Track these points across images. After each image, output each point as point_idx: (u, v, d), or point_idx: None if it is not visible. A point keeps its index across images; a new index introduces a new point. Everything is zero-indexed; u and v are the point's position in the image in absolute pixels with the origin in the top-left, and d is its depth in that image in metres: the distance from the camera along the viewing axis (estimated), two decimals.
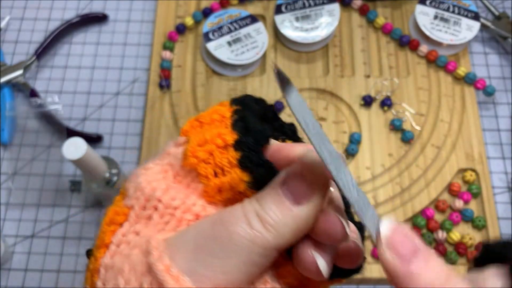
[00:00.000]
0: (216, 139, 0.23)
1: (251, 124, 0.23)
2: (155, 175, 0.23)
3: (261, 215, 0.20)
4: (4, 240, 0.55)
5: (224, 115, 0.24)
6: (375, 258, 0.53)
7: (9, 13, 0.69)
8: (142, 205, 0.23)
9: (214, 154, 0.22)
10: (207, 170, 0.23)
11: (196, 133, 0.24)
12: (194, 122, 0.25)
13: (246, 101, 0.25)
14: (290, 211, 0.21)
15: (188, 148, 0.23)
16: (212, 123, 0.24)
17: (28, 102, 0.62)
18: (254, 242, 0.20)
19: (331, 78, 0.62)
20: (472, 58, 0.66)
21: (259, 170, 0.22)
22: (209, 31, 0.62)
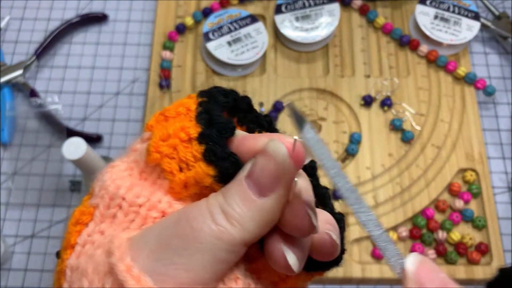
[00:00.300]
0: (180, 132, 0.22)
1: (214, 116, 0.23)
2: (120, 173, 0.23)
3: (225, 209, 0.20)
4: (4, 240, 0.55)
5: (189, 107, 0.23)
6: (375, 258, 0.53)
7: (9, 13, 0.69)
8: (106, 204, 0.22)
9: (178, 149, 0.22)
10: (172, 165, 0.22)
11: (160, 127, 0.23)
12: (159, 116, 0.24)
13: (212, 93, 0.24)
14: (255, 203, 0.20)
15: (151, 143, 0.22)
16: (177, 117, 0.23)
17: (28, 102, 0.62)
18: (219, 238, 0.19)
19: (331, 78, 0.62)
20: (472, 58, 0.66)
21: (224, 163, 0.21)
22: (209, 31, 0.62)
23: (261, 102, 0.61)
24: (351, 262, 0.53)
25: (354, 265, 0.52)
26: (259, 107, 0.60)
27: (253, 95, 0.61)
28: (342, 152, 0.58)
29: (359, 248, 0.54)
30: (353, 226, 0.54)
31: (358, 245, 0.54)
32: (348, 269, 0.52)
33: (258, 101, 0.61)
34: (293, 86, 0.61)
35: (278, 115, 0.60)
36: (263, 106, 0.60)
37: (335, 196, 0.55)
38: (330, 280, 0.53)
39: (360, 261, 0.53)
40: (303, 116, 0.21)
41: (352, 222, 0.54)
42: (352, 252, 0.53)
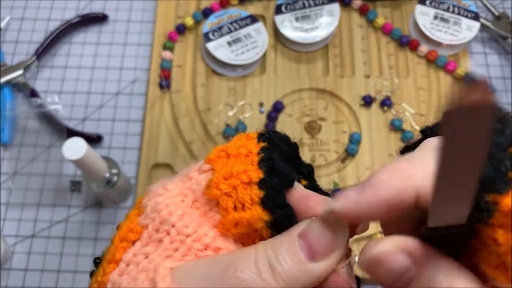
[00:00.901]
0: (242, 174, 0.23)
1: (277, 165, 0.24)
2: (174, 198, 0.24)
3: (273, 264, 0.20)
4: (4, 240, 0.55)
5: (251, 150, 0.25)
6: None
7: (9, 13, 0.69)
8: (156, 227, 0.23)
9: (238, 189, 0.23)
10: (228, 203, 0.23)
11: (222, 164, 0.24)
12: (221, 153, 0.25)
13: (273, 139, 0.25)
14: (304, 266, 0.20)
15: (213, 179, 0.23)
16: (238, 157, 0.25)
17: (28, 102, 0.62)
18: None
19: (331, 78, 0.62)
20: (472, 58, 0.66)
21: (280, 212, 0.22)
22: (209, 31, 0.62)
23: (261, 102, 0.61)
24: None
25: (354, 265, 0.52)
26: (259, 107, 0.60)
27: (253, 95, 0.61)
28: (342, 152, 0.58)
29: (358, 248, 0.54)
30: None
31: (358, 245, 0.54)
32: None
33: (258, 101, 0.61)
34: (293, 86, 0.61)
35: (278, 115, 0.60)
36: (263, 106, 0.60)
37: None
38: None
39: None
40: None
41: None
42: None
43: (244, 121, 0.59)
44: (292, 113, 0.60)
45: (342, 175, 0.57)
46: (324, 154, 0.58)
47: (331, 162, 0.57)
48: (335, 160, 0.58)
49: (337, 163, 0.58)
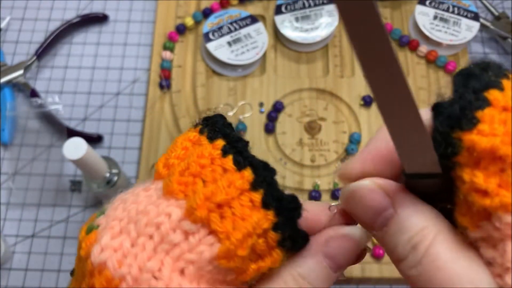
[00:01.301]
0: (257, 228, 0.20)
1: (280, 195, 0.21)
2: (175, 280, 0.20)
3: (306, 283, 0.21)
4: (5, 240, 0.55)
5: (242, 188, 0.21)
6: (375, 257, 0.53)
7: (10, 13, 0.69)
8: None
9: (255, 243, 0.20)
10: (246, 264, 0.21)
11: (225, 221, 0.20)
12: (210, 205, 0.20)
13: (257, 162, 0.21)
14: (331, 278, 0.22)
15: (230, 248, 0.20)
16: (233, 201, 0.20)
17: (28, 102, 0.63)
18: None
19: (331, 78, 0.62)
20: (471, 58, 0.66)
21: (299, 245, 0.22)
22: (209, 31, 0.62)
23: (261, 102, 0.61)
24: None
25: (354, 265, 0.52)
26: (259, 107, 0.60)
27: (253, 95, 0.61)
28: (342, 152, 0.58)
29: None
30: None
31: None
32: (347, 268, 0.52)
33: (258, 101, 0.61)
34: (293, 86, 0.62)
35: (278, 115, 0.60)
36: (263, 106, 0.60)
37: (335, 196, 0.55)
38: None
39: None
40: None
41: None
42: None
43: (244, 121, 0.60)
44: (292, 113, 0.60)
45: None
46: (324, 154, 0.58)
47: (331, 162, 0.58)
48: (335, 160, 0.58)
49: (337, 163, 0.58)
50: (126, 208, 0.21)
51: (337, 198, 0.55)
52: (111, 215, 0.21)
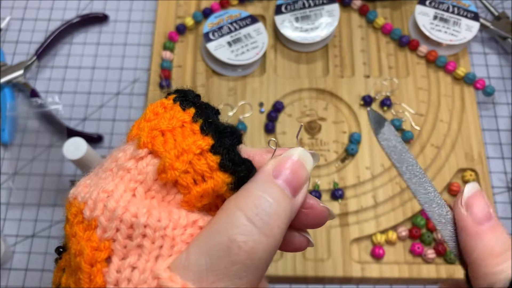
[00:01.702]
0: (192, 147, 0.23)
1: (220, 126, 0.24)
2: (124, 197, 0.22)
3: (266, 210, 0.21)
4: (5, 240, 0.55)
5: (184, 120, 0.24)
6: (374, 257, 0.53)
7: (10, 13, 0.70)
8: (126, 234, 0.21)
9: (193, 162, 0.22)
10: (188, 179, 0.22)
11: (162, 143, 0.23)
12: (154, 132, 0.24)
13: (194, 100, 0.25)
14: (292, 201, 0.22)
15: (166, 160, 0.22)
16: (174, 130, 0.24)
17: (28, 102, 0.63)
18: (269, 248, 0.21)
19: (331, 78, 0.62)
20: (471, 58, 0.66)
21: (242, 168, 0.23)
22: (209, 31, 0.62)
23: (261, 102, 0.61)
24: (351, 261, 0.53)
25: (354, 265, 0.53)
26: (259, 107, 0.61)
27: (253, 95, 0.61)
28: (342, 152, 0.58)
29: (358, 247, 0.54)
30: (352, 226, 0.54)
31: (358, 245, 0.54)
32: (347, 268, 0.52)
33: (258, 101, 0.61)
34: (293, 86, 0.62)
35: (278, 115, 0.60)
36: (263, 106, 0.60)
37: (335, 196, 0.55)
38: (329, 280, 0.53)
39: (360, 260, 0.53)
40: (382, 117, 0.24)
41: (352, 221, 0.54)
42: (352, 252, 0.53)
43: (244, 121, 0.60)
44: (292, 113, 0.60)
45: (342, 175, 0.57)
46: (324, 154, 0.58)
47: (331, 162, 0.58)
48: (335, 160, 0.58)
49: (337, 163, 0.58)
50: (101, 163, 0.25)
51: (336, 198, 0.55)
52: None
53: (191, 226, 0.22)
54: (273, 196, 0.21)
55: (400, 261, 0.53)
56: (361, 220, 0.54)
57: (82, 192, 0.23)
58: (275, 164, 0.23)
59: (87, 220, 0.22)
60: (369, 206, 0.55)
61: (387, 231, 0.54)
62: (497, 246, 0.21)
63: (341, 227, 0.54)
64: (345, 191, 0.56)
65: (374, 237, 0.54)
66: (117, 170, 0.23)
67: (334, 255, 0.53)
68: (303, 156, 0.24)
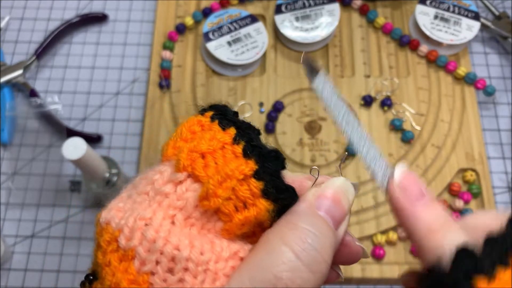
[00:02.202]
0: (235, 172, 0.21)
1: (264, 149, 0.22)
2: (164, 227, 0.21)
3: (313, 245, 0.20)
4: (4, 240, 0.55)
5: (225, 141, 0.22)
6: (375, 258, 0.53)
7: (9, 13, 0.69)
8: (167, 268, 0.20)
9: (236, 189, 0.21)
10: (230, 207, 0.21)
11: (203, 167, 0.22)
12: (194, 155, 0.22)
13: (237, 120, 0.24)
14: (336, 235, 0.22)
15: (209, 187, 0.21)
16: (215, 153, 0.22)
17: (28, 102, 0.62)
18: (316, 284, 0.20)
19: (331, 78, 0.62)
20: (472, 58, 0.66)
21: (286, 195, 0.22)
22: (209, 31, 0.62)
23: (261, 102, 0.61)
24: None
25: (354, 265, 0.52)
26: (259, 107, 0.60)
27: (253, 95, 0.61)
28: (342, 152, 0.58)
29: None
30: (353, 226, 0.54)
31: None
32: (348, 269, 0.52)
33: (258, 101, 0.61)
34: (293, 86, 0.61)
35: (278, 115, 0.60)
36: (263, 106, 0.60)
37: None
38: None
39: (360, 261, 0.53)
40: (316, 66, 0.23)
41: (352, 222, 0.54)
42: None
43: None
44: (292, 113, 0.60)
45: (342, 175, 0.56)
46: (324, 154, 0.58)
47: (332, 162, 0.57)
48: (336, 160, 0.58)
49: (337, 163, 0.57)
50: (133, 183, 0.24)
51: None
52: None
53: (232, 257, 0.21)
54: (319, 229, 0.21)
55: (400, 262, 0.53)
56: (361, 221, 0.54)
57: (117, 218, 0.21)
58: (317, 194, 0.22)
59: (123, 249, 0.21)
60: (369, 206, 0.55)
61: (388, 232, 0.54)
62: (434, 222, 0.21)
63: None
64: None
65: (374, 238, 0.54)
66: (154, 195, 0.22)
67: None
68: (345, 186, 0.23)
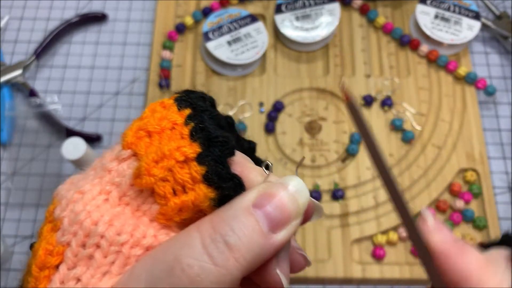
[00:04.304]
0: (175, 152, 0.20)
1: (213, 133, 0.21)
2: (95, 201, 0.20)
3: (229, 241, 0.18)
4: (4, 240, 0.55)
5: (175, 121, 0.21)
6: (375, 258, 0.53)
7: (9, 12, 0.69)
8: (80, 241, 0.19)
9: (174, 170, 0.20)
10: (166, 188, 0.20)
11: (146, 145, 0.21)
12: (140, 132, 0.21)
13: (196, 102, 0.22)
14: (266, 239, 0.19)
15: (142, 165, 0.20)
16: (163, 132, 0.21)
17: (27, 102, 0.62)
18: (220, 283, 0.17)
19: (331, 78, 0.62)
20: (472, 57, 0.65)
21: (228, 184, 0.20)
22: (209, 30, 0.62)
23: (261, 102, 0.60)
24: (352, 262, 0.52)
25: (355, 266, 0.52)
26: (259, 107, 0.60)
27: (253, 95, 0.61)
28: (343, 152, 0.58)
29: (359, 248, 0.54)
30: (353, 226, 0.54)
31: (358, 246, 0.54)
32: (348, 269, 0.52)
33: (258, 101, 0.61)
34: (293, 86, 0.61)
35: (278, 115, 0.60)
36: (263, 106, 0.60)
37: (335, 196, 0.55)
38: (330, 280, 0.53)
39: (361, 261, 0.53)
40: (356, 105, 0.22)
41: (352, 222, 0.54)
42: (353, 253, 0.53)
43: (244, 121, 0.59)
44: (292, 113, 0.60)
45: (342, 175, 0.56)
46: (325, 154, 0.58)
47: (332, 162, 0.57)
48: (336, 160, 0.57)
49: (337, 163, 0.57)
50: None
51: (337, 199, 0.55)
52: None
53: (154, 247, 0.20)
54: (242, 227, 0.18)
55: (401, 262, 0.53)
56: (361, 221, 0.54)
57: (63, 190, 0.22)
58: (262, 192, 0.19)
59: (54, 219, 0.21)
60: (370, 206, 0.55)
61: (388, 232, 0.54)
62: (473, 263, 0.21)
63: (342, 227, 0.54)
64: (346, 191, 0.55)
65: (375, 238, 0.53)
66: (100, 170, 0.22)
67: (335, 256, 0.53)
68: (298, 187, 0.20)
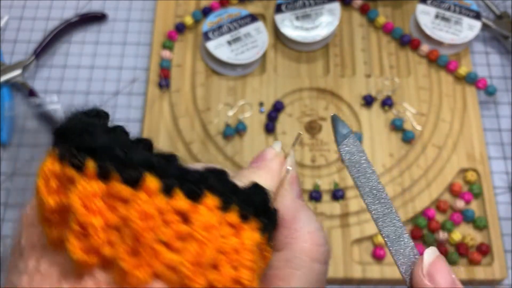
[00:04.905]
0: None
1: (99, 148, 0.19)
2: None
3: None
4: (4, 240, 0.55)
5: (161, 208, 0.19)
6: (375, 258, 0.53)
7: (8, 12, 0.69)
8: None
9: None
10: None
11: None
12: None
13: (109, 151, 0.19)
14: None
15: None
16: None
17: (27, 102, 0.62)
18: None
19: (331, 77, 0.62)
20: (473, 57, 0.65)
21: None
22: (209, 30, 0.62)
23: (261, 102, 0.60)
24: (352, 262, 0.52)
25: (355, 266, 0.52)
26: (259, 107, 0.60)
27: (253, 95, 0.61)
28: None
29: (359, 248, 0.53)
30: (353, 227, 0.54)
31: (359, 246, 0.54)
32: (348, 269, 0.52)
33: (258, 101, 0.61)
34: (293, 85, 0.61)
35: (278, 115, 0.59)
36: (263, 106, 0.60)
37: (335, 196, 0.55)
38: (330, 281, 0.53)
39: (361, 261, 0.53)
40: (345, 128, 0.22)
41: (352, 222, 0.54)
42: (353, 253, 0.53)
43: (244, 121, 0.59)
44: (292, 113, 0.60)
45: (342, 175, 0.56)
46: (325, 154, 0.58)
47: (332, 162, 0.57)
48: (336, 160, 0.57)
49: (337, 163, 0.57)
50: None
51: (337, 199, 0.55)
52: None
53: None
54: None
55: None
56: (362, 221, 0.54)
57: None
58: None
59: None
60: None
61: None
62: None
63: (342, 227, 0.54)
64: (346, 191, 0.55)
65: (375, 238, 0.53)
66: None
67: (335, 256, 0.52)
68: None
